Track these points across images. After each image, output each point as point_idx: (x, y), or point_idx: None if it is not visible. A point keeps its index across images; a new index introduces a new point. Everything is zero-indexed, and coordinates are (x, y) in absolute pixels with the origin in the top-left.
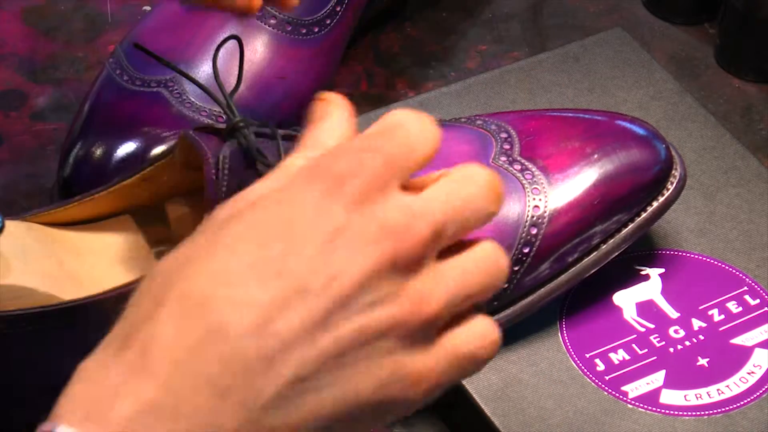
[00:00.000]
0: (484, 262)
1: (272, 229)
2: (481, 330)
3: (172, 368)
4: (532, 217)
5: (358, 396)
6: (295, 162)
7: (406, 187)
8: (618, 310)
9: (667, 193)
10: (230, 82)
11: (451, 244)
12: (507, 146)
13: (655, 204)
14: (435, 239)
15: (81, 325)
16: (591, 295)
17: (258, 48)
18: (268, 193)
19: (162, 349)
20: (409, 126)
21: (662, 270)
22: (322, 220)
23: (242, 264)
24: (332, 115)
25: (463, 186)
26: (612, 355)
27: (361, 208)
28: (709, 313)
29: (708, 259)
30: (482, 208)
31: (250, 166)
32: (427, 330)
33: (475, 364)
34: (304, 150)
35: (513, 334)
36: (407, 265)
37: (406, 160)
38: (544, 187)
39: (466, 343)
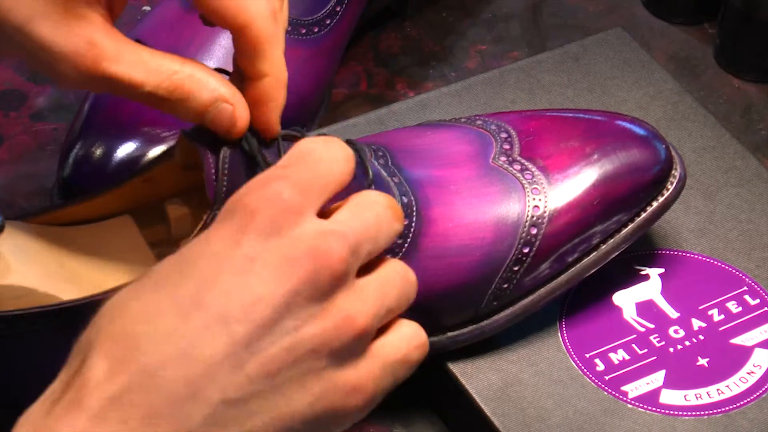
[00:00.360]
0: (398, 276)
1: (189, 267)
2: (410, 334)
3: (104, 402)
4: (532, 217)
5: (293, 414)
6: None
7: (322, 215)
8: (618, 310)
9: (666, 193)
10: None
11: (364, 264)
12: (507, 146)
13: (654, 204)
14: (352, 257)
15: (81, 326)
16: (591, 295)
17: None
18: (187, 243)
19: (94, 388)
20: (319, 151)
21: (662, 270)
22: (235, 252)
23: (162, 302)
24: None
25: (368, 208)
26: (612, 355)
27: (275, 235)
28: (709, 313)
29: (708, 259)
30: (388, 227)
31: (250, 167)
32: (357, 344)
33: (407, 367)
34: None
35: (513, 334)
36: (329, 285)
37: (318, 185)
38: (543, 187)
39: (397, 349)
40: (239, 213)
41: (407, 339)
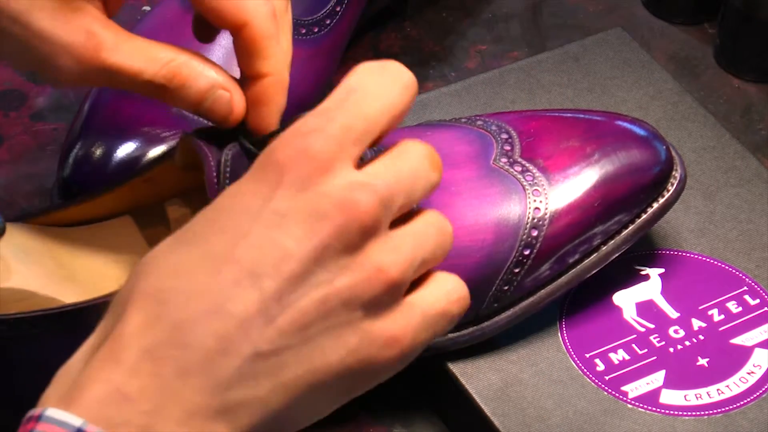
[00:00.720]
0: (434, 228)
1: (220, 222)
2: (450, 287)
3: (138, 356)
4: (533, 219)
5: (328, 366)
6: None
7: (365, 158)
8: (618, 310)
9: (667, 194)
10: None
11: (399, 216)
12: (508, 147)
13: (655, 205)
14: (383, 210)
15: (82, 328)
16: (591, 295)
17: None
18: (217, 197)
19: (129, 342)
20: (367, 87)
21: (662, 270)
22: (267, 207)
23: (193, 257)
24: None
25: (404, 159)
26: (612, 355)
27: (305, 190)
28: (709, 313)
29: (708, 259)
30: (425, 178)
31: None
32: (392, 295)
33: (448, 320)
34: None
35: (513, 334)
36: (358, 237)
37: (358, 130)
38: (544, 189)
39: (436, 300)
40: (270, 167)
41: (446, 292)
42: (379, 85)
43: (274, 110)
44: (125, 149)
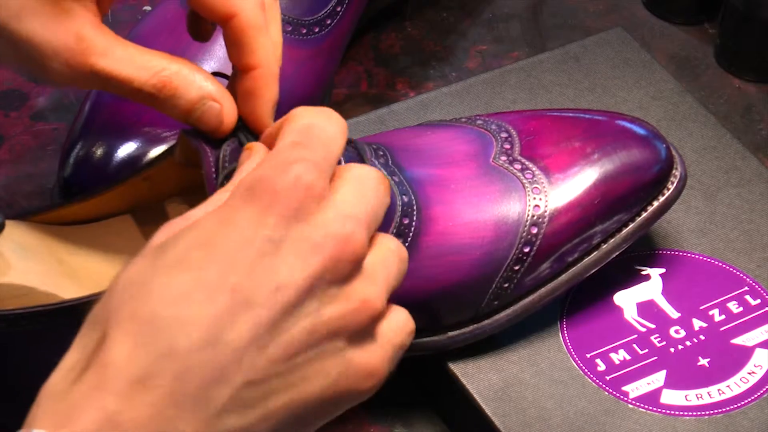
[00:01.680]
0: (395, 256)
1: (213, 249)
2: (404, 320)
3: (130, 385)
4: (533, 216)
5: (311, 394)
6: (226, 194)
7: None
8: (619, 310)
9: (667, 193)
10: None
11: None
12: (507, 146)
13: (655, 204)
14: (368, 241)
15: (81, 324)
16: (592, 295)
17: None
18: (205, 216)
19: (120, 369)
20: (323, 125)
21: (663, 270)
22: (261, 235)
23: (186, 283)
24: (258, 153)
25: (368, 187)
26: (613, 355)
27: (299, 219)
28: (710, 313)
29: (708, 259)
30: (385, 204)
31: None
32: (371, 326)
33: (402, 351)
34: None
35: (513, 334)
36: (349, 269)
37: (330, 163)
38: (544, 187)
39: (397, 333)
40: (264, 195)
41: (404, 323)
42: (332, 125)
43: (266, 103)
44: (126, 149)
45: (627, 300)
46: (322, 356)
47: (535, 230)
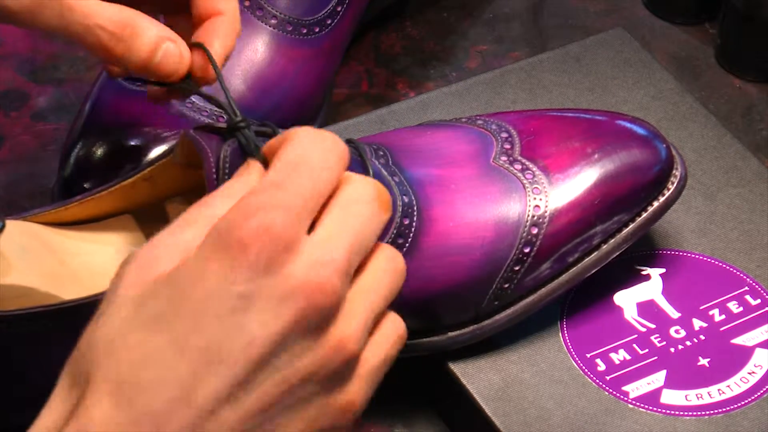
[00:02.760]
0: (387, 272)
1: (183, 304)
2: (392, 329)
3: None
4: (533, 216)
5: None
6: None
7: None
8: (619, 310)
9: (667, 193)
10: (231, 81)
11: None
12: (507, 146)
13: (655, 204)
14: (345, 284)
15: (81, 325)
16: (592, 295)
17: (259, 48)
18: (179, 268)
19: (101, 428)
20: (312, 158)
21: (663, 270)
22: (231, 291)
23: (159, 344)
24: (252, 173)
25: (354, 212)
26: (613, 355)
27: (269, 271)
28: (710, 313)
29: (709, 259)
30: (377, 222)
31: None
32: (347, 367)
33: (388, 365)
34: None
35: (513, 334)
36: (321, 318)
37: (313, 200)
38: (544, 187)
39: (379, 353)
40: (233, 245)
41: (390, 334)
42: (321, 156)
43: (221, 50)
44: (126, 149)
45: (627, 300)
46: (298, 403)
47: (535, 230)
